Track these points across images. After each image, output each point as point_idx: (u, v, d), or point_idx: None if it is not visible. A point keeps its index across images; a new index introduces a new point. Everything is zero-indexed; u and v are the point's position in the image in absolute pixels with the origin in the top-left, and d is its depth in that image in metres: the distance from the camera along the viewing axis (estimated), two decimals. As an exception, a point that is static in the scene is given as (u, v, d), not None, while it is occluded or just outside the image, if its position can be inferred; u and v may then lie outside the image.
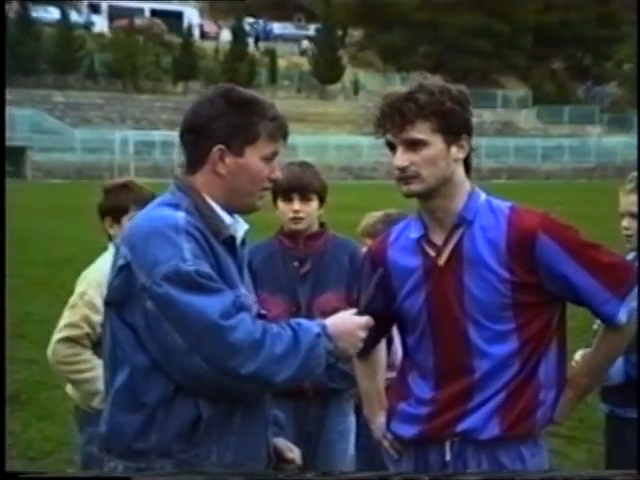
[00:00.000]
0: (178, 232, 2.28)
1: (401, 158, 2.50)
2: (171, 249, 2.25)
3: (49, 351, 3.77)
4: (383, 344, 2.96)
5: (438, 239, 2.58)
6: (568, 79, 64.44)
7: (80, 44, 51.50)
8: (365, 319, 2.45)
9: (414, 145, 2.49)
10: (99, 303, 3.55)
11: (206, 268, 2.26)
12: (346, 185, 32.22)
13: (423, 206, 2.60)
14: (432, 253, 2.58)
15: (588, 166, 50.04)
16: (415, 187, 2.52)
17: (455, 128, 2.51)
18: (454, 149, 2.52)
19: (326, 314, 2.48)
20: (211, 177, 2.41)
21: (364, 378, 2.91)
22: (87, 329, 3.65)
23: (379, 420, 2.80)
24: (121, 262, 2.33)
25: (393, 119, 2.50)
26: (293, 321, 2.37)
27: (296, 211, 3.60)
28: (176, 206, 2.36)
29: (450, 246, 2.56)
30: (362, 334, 2.44)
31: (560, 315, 2.65)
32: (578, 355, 3.54)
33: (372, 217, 4.27)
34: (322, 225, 3.74)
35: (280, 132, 2.46)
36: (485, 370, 2.54)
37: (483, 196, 2.61)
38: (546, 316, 2.59)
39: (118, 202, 3.77)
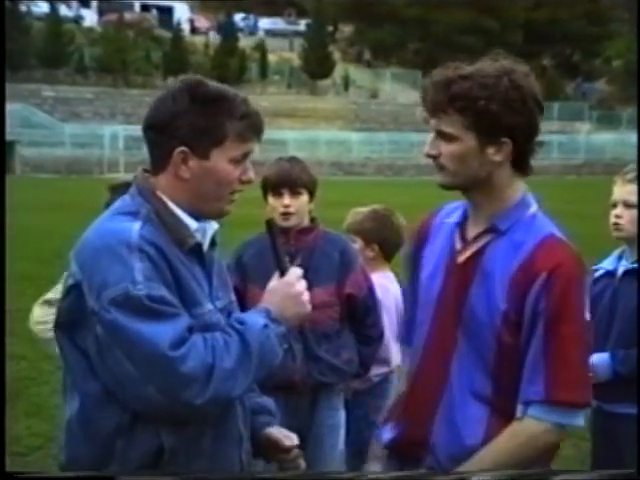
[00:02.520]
0: (130, 250, 2.08)
1: (429, 145, 2.30)
2: (121, 270, 2.06)
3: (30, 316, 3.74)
4: None
5: (471, 233, 2.36)
6: (557, 76, 64.57)
7: (70, 38, 51.30)
8: (292, 272, 2.30)
9: (444, 136, 2.26)
10: None
11: (159, 291, 2.07)
12: (336, 181, 32.17)
13: (464, 196, 2.39)
14: (458, 246, 2.37)
15: (577, 163, 50.13)
16: (441, 179, 2.32)
17: (492, 129, 2.22)
18: (491, 150, 2.25)
19: (316, 308, 2.45)
20: (174, 181, 2.21)
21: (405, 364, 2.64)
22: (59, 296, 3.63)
23: None
24: (71, 281, 2.16)
25: (426, 104, 2.29)
26: (235, 319, 2.22)
27: (286, 206, 3.60)
28: (134, 214, 2.17)
29: (474, 247, 2.33)
30: (299, 287, 2.27)
31: None
32: None
33: (359, 214, 4.27)
34: (313, 220, 3.74)
35: (251, 131, 2.24)
36: (457, 386, 2.32)
37: (532, 209, 2.35)
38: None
39: None
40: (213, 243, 2.34)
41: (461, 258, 2.36)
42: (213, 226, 2.32)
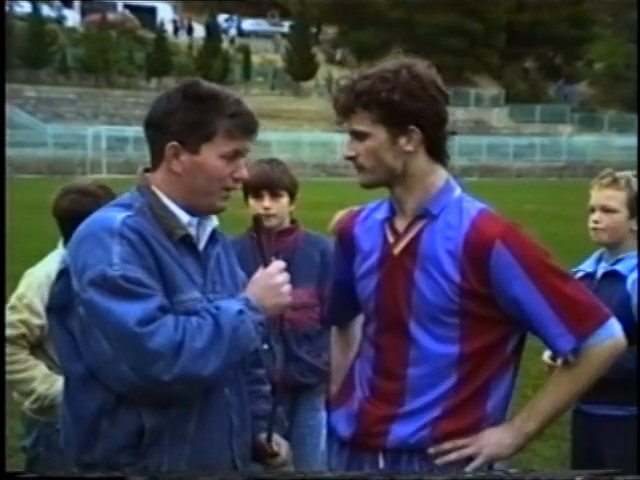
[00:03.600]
0: (112, 235, 2.19)
1: (347, 147, 2.40)
2: (100, 253, 2.17)
3: None
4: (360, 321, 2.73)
5: (400, 225, 2.44)
6: (540, 78, 64.81)
7: (52, 39, 50.90)
8: (275, 265, 2.38)
9: (358, 136, 2.37)
10: (38, 306, 3.50)
11: (135, 273, 2.16)
12: (319, 182, 32.15)
13: (389, 191, 2.47)
14: (391, 239, 2.44)
15: (559, 165, 50.27)
16: (361, 178, 2.42)
17: (399, 119, 2.32)
18: (402, 141, 2.35)
19: (296, 309, 2.48)
20: (168, 175, 2.32)
21: (338, 353, 2.76)
22: (24, 329, 3.57)
23: None
24: (61, 266, 2.28)
25: (337, 108, 2.39)
26: (213, 305, 2.27)
27: (266, 208, 3.61)
28: (128, 206, 2.29)
29: (408, 237, 2.41)
30: (280, 278, 2.36)
31: (518, 344, 2.44)
32: (546, 355, 3.55)
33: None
34: (293, 222, 3.75)
35: (241, 130, 2.32)
36: (419, 372, 2.37)
37: (457, 192, 2.43)
38: (496, 335, 2.37)
39: (76, 208, 3.53)
40: (213, 239, 2.42)
41: (397, 249, 2.42)
42: (213, 222, 2.41)
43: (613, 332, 2.36)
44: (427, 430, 2.38)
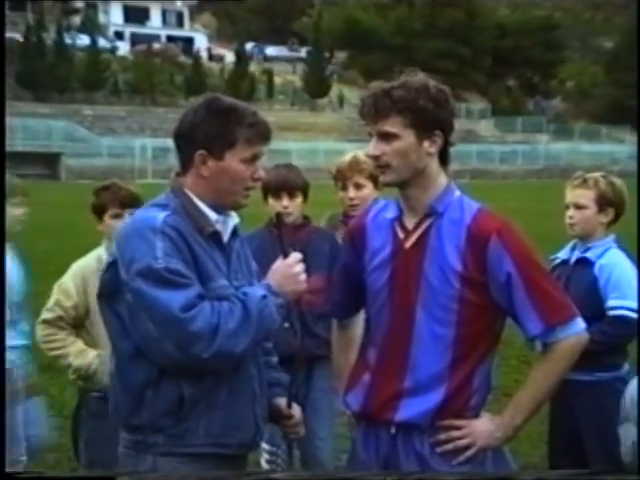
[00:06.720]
0: (154, 232, 2.17)
1: (373, 147, 2.32)
2: (146, 248, 2.16)
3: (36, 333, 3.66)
4: (361, 320, 2.63)
5: (409, 223, 2.37)
6: (520, 94, 64.61)
7: (106, 65, 51.30)
8: (293, 256, 2.37)
9: (386, 137, 2.29)
10: (71, 289, 3.52)
11: (176, 265, 2.16)
12: (333, 185, 32.11)
13: (400, 193, 2.40)
14: (401, 235, 2.37)
15: (537, 168, 50.11)
16: (387, 177, 2.34)
17: (428, 124, 2.28)
18: (426, 144, 2.30)
19: (312, 293, 2.44)
20: (197, 179, 2.29)
21: (339, 351, 2.67)
22: (60, 312, 3.55)
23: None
24: (110, 259, 2.27)
25: (370, 111, 2.31)
26: (240, 292, 2.26)
27: (285, 207, 3.59)
28: (164, 206, 2.27)
29: (418, 232, 2.35)
30: (297, 268, 2.35)
31: (501, 327, 2.39)
32: None
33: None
34: (305, 218, 3.76)
35: (258, 137, 2.30)
36: (420, 350, 2.32)
37: (457, 193, 2.38)
38: (487, 321, 2.33)
39: (99, 202, 3.71)
40: (235, 234, 2.40)
41: (408, 244, 2.36)
42: (234, 219, 2.39)
43: (578, 330, 2.31)
44: (428, 414, 2.32)
